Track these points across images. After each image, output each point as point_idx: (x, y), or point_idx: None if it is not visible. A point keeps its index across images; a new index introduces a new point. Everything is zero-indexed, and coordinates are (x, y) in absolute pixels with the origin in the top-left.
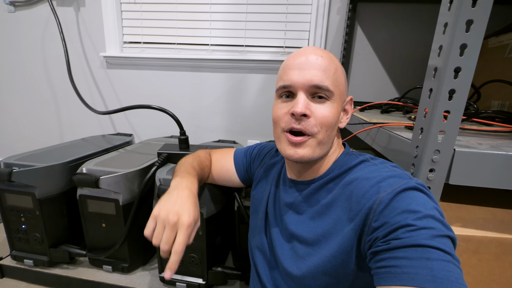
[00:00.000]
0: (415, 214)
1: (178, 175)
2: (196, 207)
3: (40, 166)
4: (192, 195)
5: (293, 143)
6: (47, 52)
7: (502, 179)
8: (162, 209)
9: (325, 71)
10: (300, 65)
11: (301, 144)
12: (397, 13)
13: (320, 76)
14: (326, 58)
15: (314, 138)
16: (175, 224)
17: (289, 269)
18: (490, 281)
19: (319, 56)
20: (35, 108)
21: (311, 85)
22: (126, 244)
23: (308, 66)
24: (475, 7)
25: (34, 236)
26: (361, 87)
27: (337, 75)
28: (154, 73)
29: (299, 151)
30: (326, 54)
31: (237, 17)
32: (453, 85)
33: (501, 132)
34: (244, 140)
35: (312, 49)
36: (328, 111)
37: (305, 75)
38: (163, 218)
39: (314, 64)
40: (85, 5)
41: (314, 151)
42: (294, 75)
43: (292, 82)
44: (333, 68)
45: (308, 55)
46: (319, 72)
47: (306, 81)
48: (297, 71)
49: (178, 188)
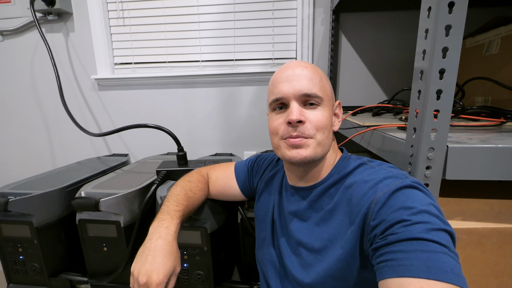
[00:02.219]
0: (410, 210)
1: (157, 217)
2: (169, 258)
3: (36, 193)
4: (166, 245)
5: (294, 145)
6: (36, 78)
7: (494, 171)
8: (135, 268)
9: (312, 80)
10: (288, 77)
11: (302, 145)
12: (378, 21)
13: (308, 85)
14: (310, 68)
15: (314, 139)
16: (145, 285)
17: (298, 277)
18: (496, 271)
19: (304, 68)
20: (24, 135)
21: (301, 94)
22: (130, 266)
23: (296, 77)
24: (451, 13)
25: (32, 267)
26: (350, 93)
27: (322, 82)
28: (146, 92)
29: (301, 152)
30: (309, 65)
31: (225, 33)
32: (440, 86)
33: (488, 126)
34: (240, 151)
35: (296, 63)
36: (321, 115)
37: (294, 86)
38: (136, 278)
39: (301, 75)
40: (74, 30)
41: (316, 150)
42: (284, 87)
43: (283, 94)
44: (318, 76)
45: (294, 68)
46: (306, 82)
47: (296, 90)
48: (286, 83)
49: (152, 239)
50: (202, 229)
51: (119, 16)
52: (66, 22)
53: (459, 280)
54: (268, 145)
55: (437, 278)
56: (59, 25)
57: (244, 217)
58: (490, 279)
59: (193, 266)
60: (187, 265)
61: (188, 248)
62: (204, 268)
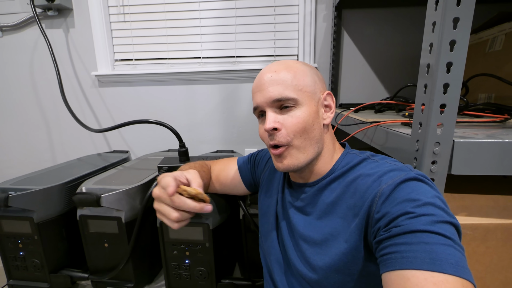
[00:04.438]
0: (414, 202)
1: None
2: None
3: (37, 188)
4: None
5: (276, 155)
6: (36, 75)
7: (501, 166)
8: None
9: (281, 83)
10: (259, 86)
11: (281, 155)
12: (380, 18)
13: (278, 90)
14: (281, 70)
15: (291, 146)
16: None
17: (302, 271)
18: (501, 267)
19: (273, 72)
20: (24, 132)
21: (271, 100)
22: (131, 263)
23: (265, 85)
24: (459, 6)
25: (33, 263)
26: (352, 90)
27: (297, 80)
28: (147, 89)
29: (285, 162)
30: (280, 66)
31: (227, 29)
32: (447, 80)
33: (492, 122)
34: (241, 149)
35: (267, 68)
36: (297, 118)
37: (265, 94)
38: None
39: (269, 81)
40: (74, 26)
41: (298, 158)
42: (257, 97)
43: (257, 103)
44: (290, 76)
45: (264, 75)
46: (275, 87)
47: (266, 99)
48: (258, 93)
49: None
50: (204, 225)
51: (120, 12)
52: (66, 18)
53: (464, 272)
54: None
55: (441, 270)
56: (59, 21)
57: (246, 213)
58: (495, 275)
59: (195, 262)
60: (189, 261)
61: (190, 244)
62: (206, 264)
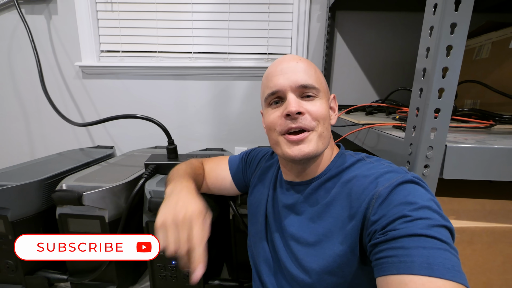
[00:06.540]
0: (411, 205)
1: (171, 181)
2: (200, 199)
3: (12, 185)
4: (192, 192)
5: (295, 142)
6: (14, 64)
7: (490, 171)
8: (165, 214)
9: (307, 72)
10: (283, 70)
11: (304, 140)
12: (374, 21)
13: (304, 76)
14: (305, 61)
15: (315, 132)
16: (184, 218)
17: (294, 273)
18: (484, 269)
19: (298, 60)
20: (1, 124)
21: (298, 85)
22: (113, 263)
23: (291, 70)
24: (457, 11)
25: (6, 264)
26: (343, 91)
27: (317, 74)
28: (134, 82)
29: (304, 148)
30: (303, 59)
31: (219, 25)
32: (442, 84)
33: (478, 128)
34: (231, 147)
35: (290, 56)
36: (319, 106)
37: (290, 77)
38: (171, 219)
39: (296, 67)
40: (57, 13)
41: (318, 145)
42: (280, 79)
43: (279, 87)
44: (313, 69)
45: (289, 61)
46: (302, 74)
47: (292, 82)
48: (281, 76)
49: (174, 191)
50: None
51: (107, 1)
52: (48, 4)
53: (460, 277)
54: (259, 141)
55: (439, 275)
56: (40, 7)
57: (236, 213)
58: (479, 276)
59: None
60: (175, 262)
61: None
62: None
